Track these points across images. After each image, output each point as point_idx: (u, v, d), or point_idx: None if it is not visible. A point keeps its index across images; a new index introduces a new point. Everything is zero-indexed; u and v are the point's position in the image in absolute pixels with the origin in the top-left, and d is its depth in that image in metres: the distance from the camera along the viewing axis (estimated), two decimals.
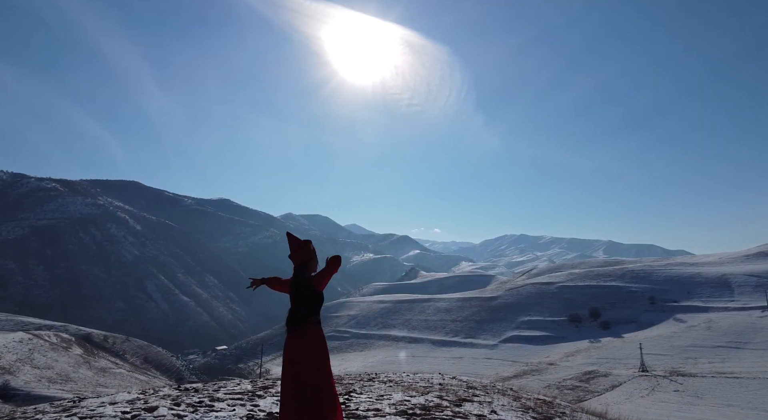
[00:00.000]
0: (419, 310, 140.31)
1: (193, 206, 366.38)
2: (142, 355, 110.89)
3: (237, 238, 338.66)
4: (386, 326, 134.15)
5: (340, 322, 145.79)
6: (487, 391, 10.99)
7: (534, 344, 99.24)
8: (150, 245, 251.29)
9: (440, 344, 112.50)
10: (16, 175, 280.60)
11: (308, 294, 4.74)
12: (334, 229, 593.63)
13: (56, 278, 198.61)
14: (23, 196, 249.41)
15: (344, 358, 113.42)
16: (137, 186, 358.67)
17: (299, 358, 4.38)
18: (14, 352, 68.10)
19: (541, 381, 66.41)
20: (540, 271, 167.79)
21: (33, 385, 57.77)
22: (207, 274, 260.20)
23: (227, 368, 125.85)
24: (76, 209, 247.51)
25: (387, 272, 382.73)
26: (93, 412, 6.63)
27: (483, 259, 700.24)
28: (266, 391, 9.07)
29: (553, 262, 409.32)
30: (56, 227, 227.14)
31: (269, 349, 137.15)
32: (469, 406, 7.92)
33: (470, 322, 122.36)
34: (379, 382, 12.25)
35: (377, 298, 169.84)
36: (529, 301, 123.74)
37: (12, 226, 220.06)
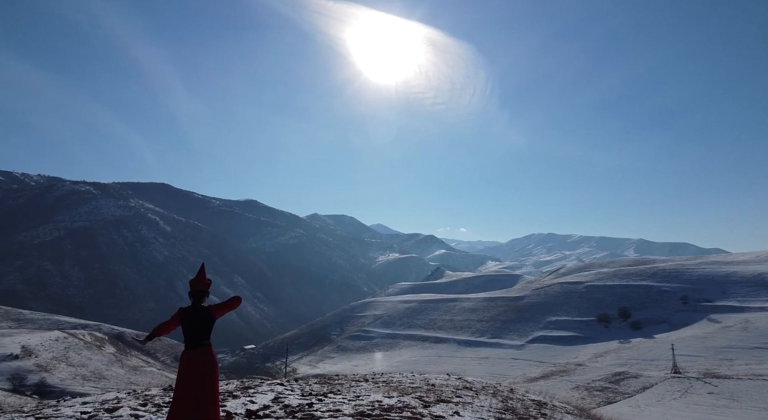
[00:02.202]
0: (445, 309, 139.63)
1: (221, 207, 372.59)
2: (172, 353, 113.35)
3: (264, 238, 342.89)
4: (412, 326, 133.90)
5: (365, 322, 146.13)
6: (478, 393, 10.88)
7: (561, 345, 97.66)
8: (180, 246, 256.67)
9: (466, 344, 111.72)
10: (53, 179, 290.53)
11: (207, 320, 5.42)
12: (359, 229, 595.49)
13: (91, 278, 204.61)
14: (59, 200, 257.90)
15: (370, 358, 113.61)
16: (167, 188, 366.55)
17: (195, 371, 5.15)
18: (51, 350, 70.39)
19: (569, 382, 65.36)
20: (568, 271, 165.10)
21: (68, 382, 59.60)
22: (235, 274, 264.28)
23: (255, 367, 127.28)
24: (109, 211, 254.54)
25: (413, 272, 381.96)
26: (57, 411, 7.06)
27: (510, 259, 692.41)
28: (244, 392, 9.23)
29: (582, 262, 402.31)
30: (90, 229, 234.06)
31: (296, 349, 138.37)
32: (437, 407, 7.98)
33: (496, 322, 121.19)
34: (371, 382, 12.26)
35: (403, 297, 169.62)
36: (556, 301, 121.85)
37: (49, 228, 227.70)
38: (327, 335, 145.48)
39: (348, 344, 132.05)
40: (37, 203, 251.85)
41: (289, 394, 9.12)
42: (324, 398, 8.77)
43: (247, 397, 8.35)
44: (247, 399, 8.20)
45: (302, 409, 7.52)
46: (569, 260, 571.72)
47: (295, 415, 6.96)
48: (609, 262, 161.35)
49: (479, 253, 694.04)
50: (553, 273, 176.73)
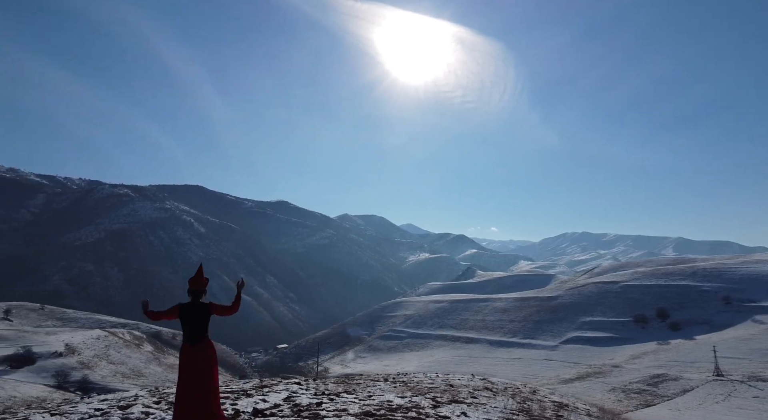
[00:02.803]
0: (476, 309, 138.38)
1: (253, 209, 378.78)
2: None
3: (295, 239, 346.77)
4: (442, 326, 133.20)
5: (396, 322, 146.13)
6: (497, 394, 10.68)
7: (597, 345, 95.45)
8: (213, 247, 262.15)
9: (498, 345, 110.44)
10: (93, 183, 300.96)
11: (205, 316, 5.84)
12: (389, 229, 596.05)
13: (129, 279, 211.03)
14: (99, 202, 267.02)
15: (401, 358, 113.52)
16: (201, 190, 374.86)
17: (196, 367, 5.47)
18: (92, 348, 72.81)
19: (604, 384, 63.80)
20: (603, 270, 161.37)
21: (109, 379, 61.52)
22: (267, 274, 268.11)
23: (288, 366, 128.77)
24: (146, 213, 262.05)
25: (443, 272, 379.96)
26: (74, 408, 7.36)
27: (542, 258, 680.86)
28: (258, 390, 9.31)
29: (618, 261, 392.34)
30: (129, 230, 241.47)
31: (328, 348, 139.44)
32: (446, 408, 7.93)
33: (529, 322, 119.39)
34: (390, 382, 12.23)
35: (433, 297, 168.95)
36: (590, 301, 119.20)
37: (90, 230, 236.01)
38: (358, 335, 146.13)
39: (379, 344, 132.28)
40: (79, 206, 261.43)
41: (302, 393, 9.16)
42: (336, 397, 8.81)
43: (261, 396, 8.44)
44: (260, 397, 8.29)
45: (310, 408, 7.57)
46: (604, 259, 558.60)
47: (301, 414, 7.06)
48: (646, 262, 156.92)
49: (511, 253, 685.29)
50: (587, 272, 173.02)
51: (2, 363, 56.95)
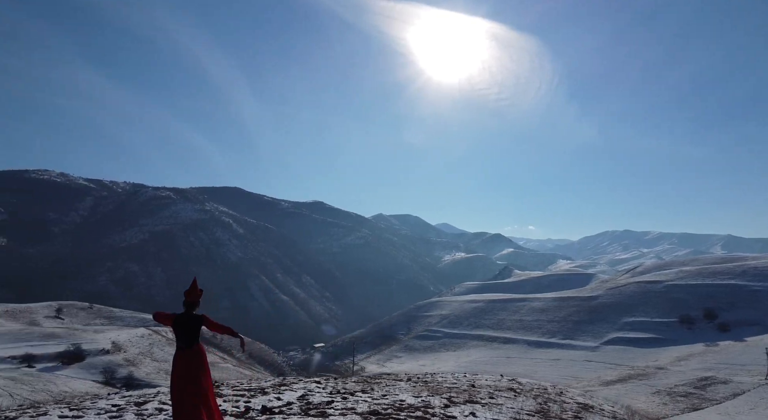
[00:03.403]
0: (513, 309, 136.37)
1: (289, 209, 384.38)
2: (247, 350, 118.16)
3: (330, 239, 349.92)
4: (479, 326, 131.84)
5: (432, 322, 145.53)
6: (519, 394, 10.44)
7: (640, 347, 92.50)
8: (251, 247, 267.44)
9: (536, 345, 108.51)
10: (137, 186, 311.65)
11: (197, 327, 6.26)
12: (424, 228, 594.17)
13: (171, 279, 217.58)
14: (143, 205, 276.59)
15: (437, 358, 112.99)
16: (239, 191, 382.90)
17: (190, 370, 5.93)
18: (137, 346, 75.37)
19: (648, 386, 61.76)
20: (646, 269, 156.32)
21: (153, 376, 63.49)
22: (304, 274, 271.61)
23: (324, 365, 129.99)
24: (187, 215, 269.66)
25: (479, 271, 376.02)
26: (94, 403, 7.80)
27: (582, 257, 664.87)
28: (275, 389, 9.39)
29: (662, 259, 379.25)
30: (170, 232, 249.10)
31: (364, 348, 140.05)
32: (457, 408, 7.86)
33: (568, 322, 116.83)
34: (411, 382, 12.18)
35: (469, 297, 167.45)
36: (632, 301, 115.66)
37: (134, 232, 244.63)
38: (394, 335, 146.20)
39: (415, 344, 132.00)
40: (124, 209, 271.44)
41: (318, 391, 9.21)
42: (350, 396, 8.82)
43: (277, 394, 8.55)
44: (275, 395, 8.40)
45: (319, 406, 7.64)
46: (647, 258, 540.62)
47: (309, 412, 7.14)
48: (692, 260, 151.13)
49: (549, 252, 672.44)
50: (629, 272, 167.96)
51: (54, 359, 59.54)
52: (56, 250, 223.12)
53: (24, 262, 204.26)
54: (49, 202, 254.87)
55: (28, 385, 39.58)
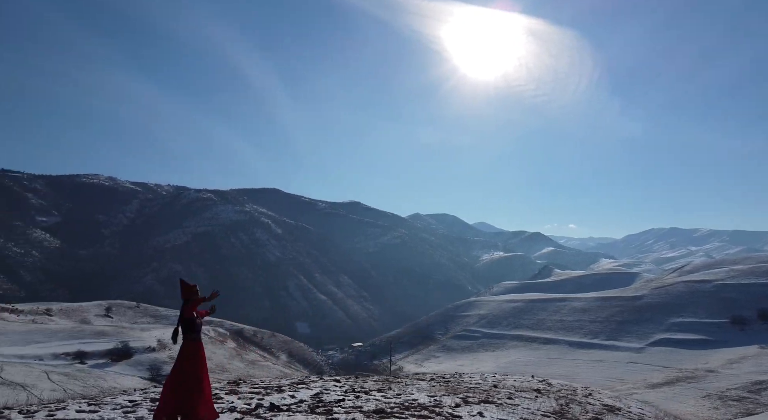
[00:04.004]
0: (553, 309, 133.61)
1: (326, 210, 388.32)
2: (287, 349, 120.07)
3: (367, 238, 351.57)
4: (518, 326, 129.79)
5: (470, 322, 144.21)
6: (541, 395, 10.18)
7: (688, 348, 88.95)
8: (290, 247, 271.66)
9: (577, 346, 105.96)
10: (180, 188, 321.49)
11: (191, 322, 6.84)
12: (462, 227, 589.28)
13: (213, 279, 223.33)
14: (186, 207, 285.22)
15: (476, 358, 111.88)
16: (277, 193, 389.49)
17: (195, 358, 6.63)
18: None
19: (698, 389, 59.32)
20: (694, 268, 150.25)
21: None
22: (341, 273, 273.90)
23: (363, 364, 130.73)
24: (228, 216, 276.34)
25: (518, 271, 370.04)
26: (113, 399, 8.25)
27: (626, 256, 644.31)
28: (293, 387, 9.49)
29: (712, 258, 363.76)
30: (212, 233, 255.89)
31: (402, 347, 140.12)
32: (467, 408, 7.84)
33: (611, 323, 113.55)
34: (432, 381, 12.11)
35: (508, 297, 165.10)
36: (680, 301, 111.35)
37: (178, 233, 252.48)
38: (431, 334, 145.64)
39: (453, 344, 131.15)
40: (168, 210, 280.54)
41: (334, 390, 9.30)
42: (363, 395, 8.87)
43: (292, 392, 8.71)
44: (290, 393, 8.56)
45: (328, 404, 7.79)
46: (696, 257, 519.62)
47: (315, 410, 7.26)
48: (744, 259, 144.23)
49: (591, 251, 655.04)
50: (676, 271, 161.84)
51: (104, 356, 61.92)
52: (106, 251, 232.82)
53: (76, 263, 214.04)
54: (99, 205, 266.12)
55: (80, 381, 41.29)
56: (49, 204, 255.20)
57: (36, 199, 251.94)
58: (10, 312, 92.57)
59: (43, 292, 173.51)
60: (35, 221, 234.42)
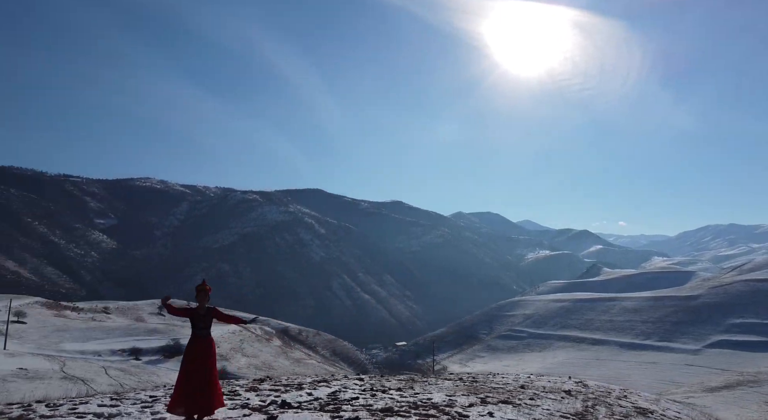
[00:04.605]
0: (602, 309, 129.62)
1: (368, 209, 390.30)
2: (331, 348, 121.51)
3: (410, 238, 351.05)
4: (565, 326, 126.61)
5: (515, 321, 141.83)
6: (569, 396, 9.80)
7: (750, 350, 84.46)
8: (333, 247, 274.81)
9: (628, 347, 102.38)
10: (226, 190, 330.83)
11: (211, 318, 7.30)
12: (505, 226, 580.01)
13: (259, 278, 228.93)
14: (232, 208, 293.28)
15: (521, 359, 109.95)
16: (321, 193, 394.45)
17: (206, 354, 6.94)
18: (229, 342, 79.85)
19: (761, 394, 55.97)
20: (755, 266, 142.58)
21: (244, 370, 66.90)
22: (384, 273, 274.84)
23: (407, 363, 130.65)
24: (272, 217, 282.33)
25: (565, 270, 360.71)
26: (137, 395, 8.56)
27: (680, 254, 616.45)
28: (312, 385, 9.62)
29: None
30: (258, 233, 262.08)
31: (446, 347, 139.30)
32: (478, 408, 7.74)
33: (664, 323, 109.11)
34: (457, 381, 12.01)
35: (554, 296, 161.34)
36: (739, 301, 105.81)
37: (225, 234, 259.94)
38: (476, 334, 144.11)
39: (498, 344, 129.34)
40: (215, 212, 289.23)
41: (354, 388, 9.41)
42: (379, 394, 8.93)
43: (311, 390, 8.86)
44: (309, 391, 8.78)
45: (341, 402, 7.85)
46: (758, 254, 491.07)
47: (325, 408, 7.33)
48: None
49: (642, 248, 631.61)
50: (735, 269, 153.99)
51: (157, 353, 64.40)
52: (158, 251, 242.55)
53: (132, 263, 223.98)
54: (151, 207, 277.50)
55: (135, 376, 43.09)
56: (105, 207, 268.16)
57: (94, 203, 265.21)
58: (71, 310, 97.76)
59: (101, 291, 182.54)
60: (94, 224, 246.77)
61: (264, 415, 6.99)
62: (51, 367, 41.93)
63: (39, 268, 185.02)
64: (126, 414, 7.03)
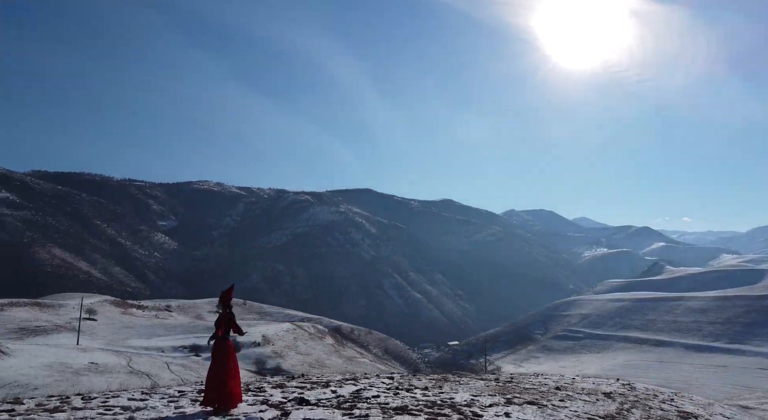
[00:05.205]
0: (665, 309, 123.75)
1: (418, 208, 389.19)
2: (383, 346, 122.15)
3: (460, 236, 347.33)
4: (625, 327, 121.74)
5: (571, 321, 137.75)
6: (605, 399, 9.36)
7: None
8: (384, 246, 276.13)
9: (695, 349, 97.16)
10: (279, 191, 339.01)
11: (230, 324, 7.84)
12: (560, 223, 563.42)
13: (312, 277, 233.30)
14: (285, 209, 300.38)
15: (579, 360, 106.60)
16: (370, 193, 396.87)
17: (227, 354, 7.54)
18: (283, 339, 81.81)
19: None
20: None
21: (297, 368, 68.29)
22: (435, 272, 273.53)
23: (459, 363, 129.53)
24: (324, 217, 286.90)
25: (624, 268, 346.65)
26: (168, 390, 9.22)
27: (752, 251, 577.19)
28: (339, 383, 9.71)
29: None
30: (310, 233, 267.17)
31: (499, 347, 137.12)
32: (497, 408, 7.72)
33: (735, 324, 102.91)
34: (489, 381, 11.79)
35: (613, 296, 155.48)
36: None
37: (279, 234, 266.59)
38: (530, 334, 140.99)
39: (553, 344, 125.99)
40: (269, 213, 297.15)
41: (379, 386, 9.53)
42: (402, 392, 8.98)
43: (338, 387, 9.02)
44: (334, 388, 8.96)
45: (360, 400, 7.97)
46: None
47: (341, 406, 7.48)
48: None
49: (709, 246, 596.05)
50: None
51: None
52: (216, 251, 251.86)
53: (192, 263, 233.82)
54: (209, 209, 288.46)
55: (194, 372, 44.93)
56: (167, 209, 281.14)
57: (157, 205, 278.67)
58: (137, 308, 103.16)
59: (164, 290, 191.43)
60: (156, 225, 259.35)
61: (278, 411, 7.22)
62: (119, 362, 44.40)
63: (108, 268, 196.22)
64: (151, 408, 7.49)
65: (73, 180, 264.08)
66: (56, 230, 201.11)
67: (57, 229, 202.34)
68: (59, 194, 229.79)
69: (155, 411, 7.25)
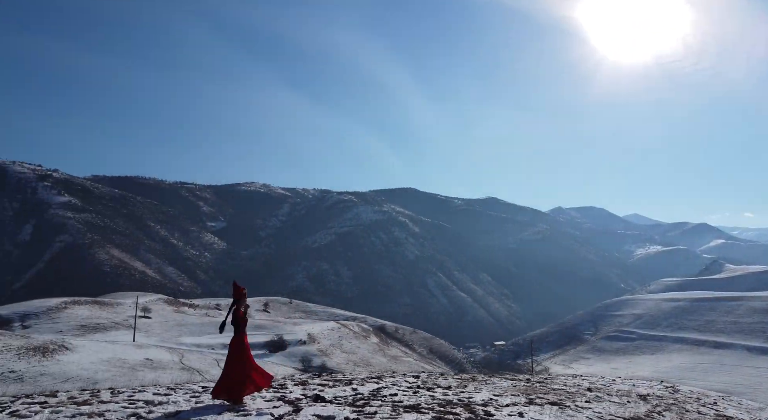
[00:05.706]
0: (725, 310, 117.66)
1: (462, 207, 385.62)
2: (427, 346, 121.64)
3: (506, 235, 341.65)
4: (681, 328, 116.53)
5: (623, 322, 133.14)
6: (640, 401, 8.93)
7: None
8: (428, 245, 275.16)
9: (759, 352, 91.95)
10: (323, 192, 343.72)
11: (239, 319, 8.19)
12: (610, 220, 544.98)
13: (357, 276, 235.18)
14: (329, 209, 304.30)
15: (631, 361, 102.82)
16: (414, 192, 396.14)
17: (241, 346, 7.81)
18: (328, 338, 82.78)
19: None
20: None
21: (343, 366, 68.98)
22: (480, 271, 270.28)
23: (506, 363, 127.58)
24: (367, 216, 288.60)
25: (680, 267, 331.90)
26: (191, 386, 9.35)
27: None
28: (362, 381, 9.67)
29: None
30: (353, 233, 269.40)
31: (547, 347, 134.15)
32: (512, 408, 7.66)
33: None
34: (515, 381, 11.53)
35: (668, 295, 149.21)
36: None
37: (323, 234, 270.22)
38: (579, 335, 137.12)
39: (604, 345, 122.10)
40: (314, 213, 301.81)
41: (401, 385, 9.61)
42: (421, 391, 8.99)
43: (359, 385, 9.15)
44: (355, 386, 9.16)
45: (376, 398, 8.00)
46: None
47: (355, 404, 7.49)
48: None
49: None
50: None
51: (263, 347, 68.36)
52: (263, 251, 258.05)
53: (240, 262, 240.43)
54: (256, 210, 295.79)
55: None
56: (216, 211, 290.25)
57: (206, 207, 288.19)
58: (189, 307, 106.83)
59: (214, 289, 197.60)
60: (206, 226, 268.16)
61: (291, 407, 7.28)
62: (171, 359, 46.14)
63: (161, 268, 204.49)
64: (173, 402, 7.78)
65: (128, 183, 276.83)
66: (114, 231, 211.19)
67: (115, 230, 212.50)
68: (116, 197, 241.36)
69: (175, 405, 7.54)
